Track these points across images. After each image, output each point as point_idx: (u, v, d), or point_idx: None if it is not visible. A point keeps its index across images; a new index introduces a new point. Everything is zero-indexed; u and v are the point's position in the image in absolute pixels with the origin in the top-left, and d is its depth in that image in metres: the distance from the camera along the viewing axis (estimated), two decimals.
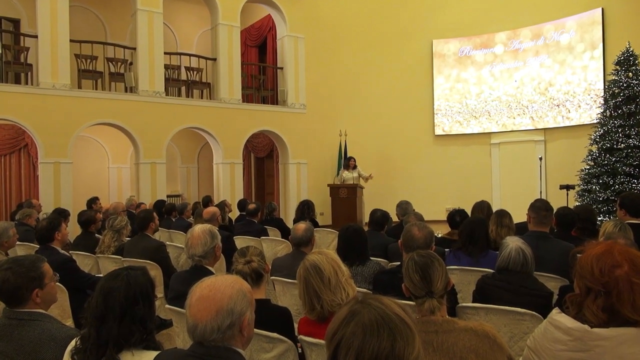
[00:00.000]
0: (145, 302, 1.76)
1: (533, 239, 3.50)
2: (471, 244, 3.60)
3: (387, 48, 12.63)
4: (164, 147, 9.92)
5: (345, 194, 10.24)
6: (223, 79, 10.63)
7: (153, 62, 9.76)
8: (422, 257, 2.07)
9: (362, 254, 3.39)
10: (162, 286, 4.28)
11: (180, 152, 13.86)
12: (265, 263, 2.50)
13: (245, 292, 1.57)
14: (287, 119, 11.46)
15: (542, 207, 3.63)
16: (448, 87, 12.56)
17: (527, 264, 2.71)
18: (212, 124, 10.47)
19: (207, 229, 2.94)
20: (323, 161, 12.08)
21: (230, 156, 10.71)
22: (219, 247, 2.93)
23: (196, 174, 14.07)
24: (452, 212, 4.68)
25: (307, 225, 3.66)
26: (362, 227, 3.75)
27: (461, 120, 12.43)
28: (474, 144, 12.33)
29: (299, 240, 3.59)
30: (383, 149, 12.57)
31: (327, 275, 2.13)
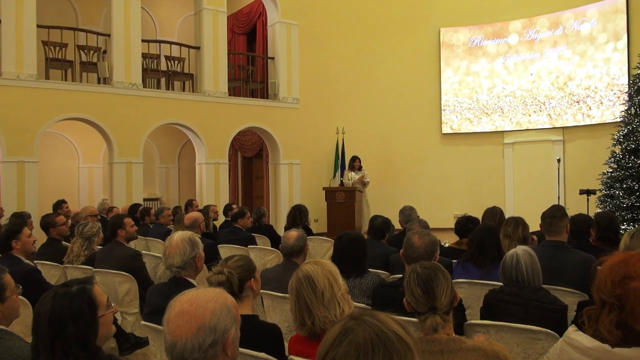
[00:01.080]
0: (79, 321, 1.75)
1: (549, 249, 3.51)
2: (481, 255, 3.63)
3: (390, 37, 12.67)
4: (140, 145, 9.90)
5: (342, 198, 10.26)
6: (207, 69, 10.63)
7: (129, 50, 9.74)
8: (426, 269, 2.08)
9: (359, 265, 3.39)
10: (138, 300, 4.26)
11: (159, 151, 13.83)
12: (252, 274, 2.50)
13: (229, 306, 1.56)
14: (278, 114, 11.47)
15: (547, 215, 3.66)
16: (457, 81, 12.61)
17: (521, 271, 2.73)
18: (195, 119, 10.46)
19: (186, 236, 2.94)
20: (318, 162, 12.09)
21: (215, 155, 10.70)
22: (200, 257, 2.94)
23: (176, 176, 14.04)
24: (460, 219, 4.70)
25: (299, 233, 3.66)
26: (361, 235, 3.75)
27: (471, 117, 12.48)
28: (485, 143, 12.39)
29: (289, 250, 3.60)
30: (384, 149, 12.60)
31: (321, 288, 2.13)
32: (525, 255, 2.79)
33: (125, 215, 5.04)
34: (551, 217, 3.63)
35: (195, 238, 2.97)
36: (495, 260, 3.61)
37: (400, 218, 5.49)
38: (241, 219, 6.27)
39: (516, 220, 4.15)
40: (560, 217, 3.65)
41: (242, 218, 6.28)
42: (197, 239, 2.98)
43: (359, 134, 12.18)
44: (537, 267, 2.79)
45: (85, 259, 4.52)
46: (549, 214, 3.66)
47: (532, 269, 2.76)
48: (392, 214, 5.50)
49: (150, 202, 12.78)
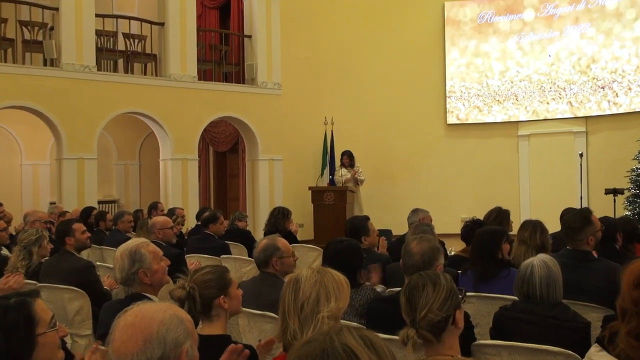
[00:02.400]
0: (11, 336, 1.80)
1: (570, 259, 3.54)
2: (481, 265, 3.68)
3: (386, 13, 12.71)
4: (94, 139, 9.83)
5: (331, 199, 10.28)
6: (173, 49, 10.58)
7: (81, 27, 9.65)
8: (419, 277, 2.14)
9: (352, 277, 3.39)
10: (91, 320, 4.23)
11: (116, 146, 13.74)
12: (223, 291, 2.50)
13: (182, 318, 1.57)
14: (256, 102, 11.45)
15: (570, 221, 3.67)
16: (464, 64, 12.68)
17: (535, 284, 2.75)
18: (159, 108, 10.41)
19: (128, 249, 3.00)
20: (303, 157, 12.08)
21: (183, 150, 10.65)
22: (146, 272, 2.96)
23: (137, 174, 13.96)
24: (467, 223, 4.73)
25: (269, 241, 3.68)
26: (355, 242, 3.78)
27: (481, 105, 12.56)
28: (497, 135, 12.47)
29: (255, 260, 3.68)
30: (380, 143, 12.64)
31: (302, 298, 2.13)
32: (541, 266, 2.80)
33: (75, 220, 5.00)
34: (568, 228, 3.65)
35: (141, 251, 2.99)
36: (497, 270, 3.66)
37: (410, 217, 5.60)
38: (213, 225, 6.25)
39: (534, 224, 4.18)
40: (579, 230, 3.61)
41: (214, 223, 6.26)
42: (143, 252, 3.00)
43: (350, 125, 12.20)
44: (555, 279, 2.79)
45: (25, 271, 4.48)
46: (566, 224, 3.69)
47: (547, 281, 2.77)
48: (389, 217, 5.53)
49: (106, 205, 12.69)
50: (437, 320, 2.01)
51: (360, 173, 11.01)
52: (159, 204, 8.72)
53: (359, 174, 11.00)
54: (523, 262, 2.91)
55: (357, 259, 3.53)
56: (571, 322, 2.72)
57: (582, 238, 3.61)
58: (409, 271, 2.95)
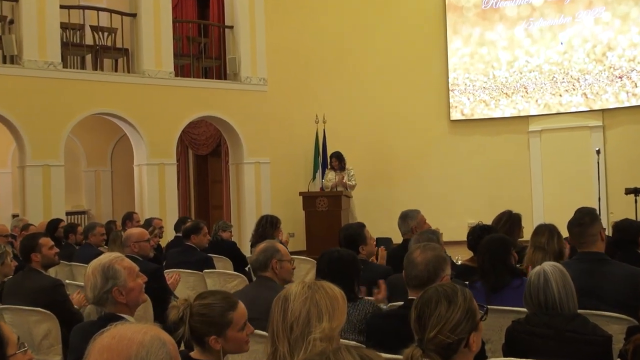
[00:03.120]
0: None
1: (584, 263, 3.56)
2: (492, 274, 3.71)
3: (382, 0, 12.76)
4: (61, 144, 9.79)
5: (324, 205, 10.28)
6: (147, 43, 10.56)
7: (44, 19, 9.62)
8: (433, 292, 2.14)
9: (350, 290, 3.40)
10: (60, 344, 4.20)
11: (85, 150, 13.68)
12: (219, 331, 2.40)
13: (164, 341, 1.55)
14: (240, 99, 11.45)
15: (573, 223, 3.73)
16: (468, 53, 12.73)
17: (551, 294, 2.75)
18: (132, 108, 10.38)
19: (101, 265, 2.98)
20: (293, 160, 12.09)
21: (159, 154, 10.63)
22: (121, 290, 2.95)
23: (109, 181, 13.90)
24: (474, 229, 4.74)
25: (268, 244, 3.82)
26: (351, 252, 3.79)
27: (487, 99, 12.60)
28: (505, 132, 12.52)
29: (253, 264, 3.79)
30: (377, 142, 12.67)
31: (291, 318, 2.11)
32: (555, 273, 2.81)
33: (42, 235, 4.97)
34: (579, 225, 3.69)
35: (115, 267, 2.97)
36: (509, 279, 3.69)
37: (400, 226, 5.54)
38: (195, 236, 6.24)
39: (550, 229, 4.21)
40: (590, 224, 3.69)
41: (196, 234, 6.25)
42: (118, 268, 2.98)
43: (344, 123, 12.22)
44: (572, 287, 2.81)
45: None
46: (575, 222, 3.73)
47: (565, 290, 2.78)
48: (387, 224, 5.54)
49: (75, 217, 12.63)
50: (448, 342, 2.00)
51: (351, 177, 10.88)
52: (134, 214, 8.68)
53: (350, 178, 10.88)
54: (533, 270, 2.91)
55: (354, 271, 3.53)
56: (591, 335, 2.72)
57: (594, 233, 3.65)
58: (411, 283, 2.96)
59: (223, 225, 7.34)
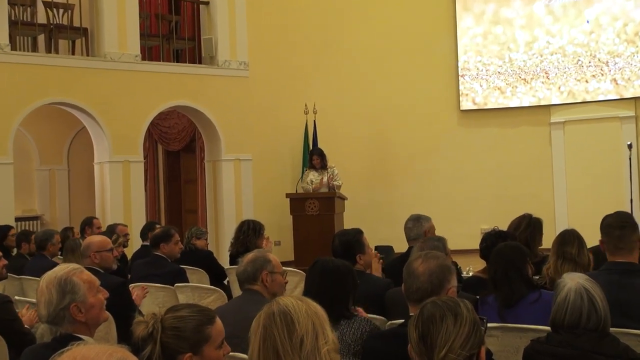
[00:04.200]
0: None
1: (614, 274, 3.57)
2: (506, 286, 3.72)
3: None
4: (9, 139, 9.76)
5: (315, 209, 10.28)
6: (109, 22, 10.52)
7: None
8: (434, 307, 2.15)
9: (343, 306, 3.42)
10: None
11: (38, 146, 13.62)
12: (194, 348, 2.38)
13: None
14: (217, 87, 11.44)
15: (613, 225, 3.72)
16: (480, 33, 12.75)
17: (597, 314, 2.76)
18: (92, 96, 10.35)
19: (57, 278, 2.95)
20: (279, 156, 12.08)
21: (124, 150, 10.60)
22: (79, 307, 2.93)
23: (65, 182, 13.84)
24: (488, 235, 4.75)
25: (258, 254, 3.84)
26: (346, 263, 3.80)
27: (502, 85, 12.63)
28: (523, 123, 12.55)
29: (239, 275, 3.78)
30: (376, 136, 12.68)
31: (301, 332, 2.14)
32: (586, 287, 2.81)
33: None
34: (621, 228, 3.68)
35: (73, 279, 2.96)
36: (525, 291, 3.70)
37: (406, 233, 5.55)
38: (165, 244, 6.22)
39: (578, 237, 4.24)
40: (633, 228, 3.70)
41: (166, 242, 6.23)
42: (77, 281, 2.96)
43: (337, 114, 12.23)
44: (606, 303, 2.80)
45: None
46: (616, 224, 3.71)
47: (595, 306, 2.77)
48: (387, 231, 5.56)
49: (26, 223, 12.58)
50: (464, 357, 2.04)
51: (336, 177, 10.84)
52: (95, 219, 8.65)
53: (335, 177, 10.85)
54: (559, 282, 2.92)
55: (350, 284, 3.54)
56: (623, 358, 2.72)
57: (635, 239, 3.67)
58: (412, 297, 2.97)
59: (197, 232, 7.31)
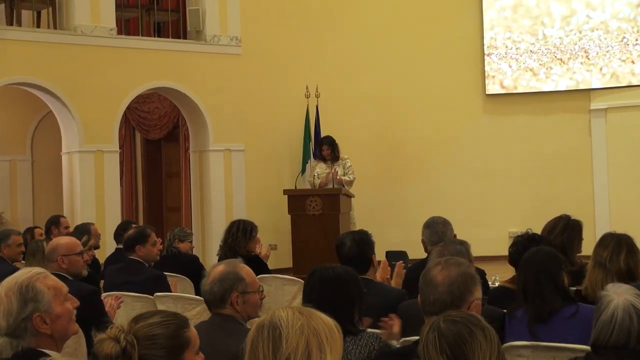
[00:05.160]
0: None
1: None
2: (538, 297, 3.71)
3: None
4: None
5: (318, 207, 10.26)
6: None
7: None
8: (454, 324, 2.13)
9: (348, 320, 3.40)
10: None
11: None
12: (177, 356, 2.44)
13: None
14: (205, 66, 11.43)
15: None
16: (509, 6, 12.72)
17: (624, 328, 2.74)
18: (60, 76, 10.34)
19: (18, 284, 2.93)
20: (275, 146, 12.07)
21: (96, 139, 10.60)
22: (44, 317, 2.92)
23: (29, 174, 13.84)
24: (518, 240, 4.74)
25: (227, 268, 3.66)
26: (350, 270, 3.79)
27: (535, 66, 12.60)
28: (559, 110, 12.53)
29: (205, 295, 3.65)
30: (387, 124, 12.66)
31: (287, 350, 2.10)
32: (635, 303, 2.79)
33: None
34: None
35: (36, 285, 2.95)
36: (560, 304, 3.69)
37: (425, 237, 5.51)
38: (141, 246, 6.19)
39: (618, 240, 4.22)
40: None
41: (142, 244, 6.20)
42: (41, 288, 2.95)
43: (343, 98, 12.23)
44: None
45: None
46: None
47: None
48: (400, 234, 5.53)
49: None
50: None
51: (348, 170, 10.81)
52: (62, 218, 8.65)
53: (347, 171, 10.81)
54: (601, 294, 2.91)
55: (355, 294, 3.52)
56: None
57: None
58: (429, 309, 2.96)
59: (180, 234, 7.31)
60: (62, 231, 7.93)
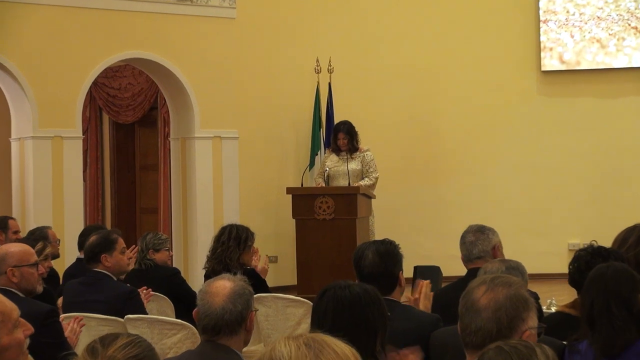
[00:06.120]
0: None
1: None
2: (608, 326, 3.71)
3: None
4: None
5: (329, 210, 10.26)
6: None
7: None
8: (501, 354, 2.13)
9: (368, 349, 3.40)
10: None
11: None
12: None
13: None
14: (190, 32, 11.46)
15: None
16: None
17: None
18: (9, 45, 10.38)
19: None
20: (277, 133, 12.10)
21: (53, 122, 10.63)
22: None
23: None
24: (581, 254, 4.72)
25: (237, 285, 3.70)
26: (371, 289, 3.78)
27: (603, 37, 12.59)
28: (633, 92, 12.52)
29: (214, 322, 3.61)
30: (419, 107, 12.66)
31: None
32: None
33: None
34: None
35: None
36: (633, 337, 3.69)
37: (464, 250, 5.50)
38: (107, 255, 6.20)
39: None
40: None
41: (108, 252, 6.21)
42: None
43: (362, 73, 12.25)
44: None
45: None
46: None
47: None
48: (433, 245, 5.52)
49: None
50: None
51: (370, 166, 10.76)
52: (11, 219, 8.66)
53: (368, 166, 10.75)
54: None
55: (378, 320, 3.51)
56: None
57: None
58: (471, 340, 2.94)
59: (155, 242, 7.28)
60: (10, 237, 7.94)
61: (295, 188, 10.86)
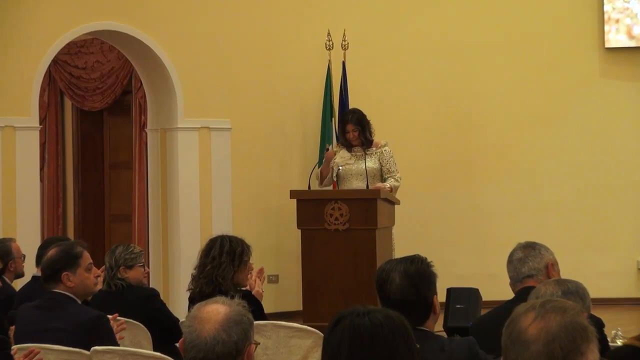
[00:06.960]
0: None
1: None
2: None
3: None
4: None
5: (342, 219, 10.28)
6: None
7: None
8: None
9: None
10: None
11: None
12: None
13: None
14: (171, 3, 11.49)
15: None
16: None
17: None
18: None
19: None
20: (278, 124, 12.16)
21: (5, 109, 10.69)
22: None
23: None
24: None
25: (233, 311, 3.68)
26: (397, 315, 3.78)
27: None
28: None
29: (202, 355, 3.55)
30: (454, 92, 12.71)
31: None
32: None
33: None
34: None
35: None
36: None
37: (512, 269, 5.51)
38: (70, 273, 6.22)
39: None
40: None
41: (70, 269, 6.22)
42: None
43: (383, 51, 12.30)
44: None
45: None
46: None
47: None
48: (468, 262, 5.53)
49: None
50: None
51: (389, 164, 10.77)
52: None
53: (387, 165, 10.78)
54: None
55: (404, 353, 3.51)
56: None
57: None
58: None
59: (128, 256, 7.30)
60: None
61: (301, 191, 10.90)
